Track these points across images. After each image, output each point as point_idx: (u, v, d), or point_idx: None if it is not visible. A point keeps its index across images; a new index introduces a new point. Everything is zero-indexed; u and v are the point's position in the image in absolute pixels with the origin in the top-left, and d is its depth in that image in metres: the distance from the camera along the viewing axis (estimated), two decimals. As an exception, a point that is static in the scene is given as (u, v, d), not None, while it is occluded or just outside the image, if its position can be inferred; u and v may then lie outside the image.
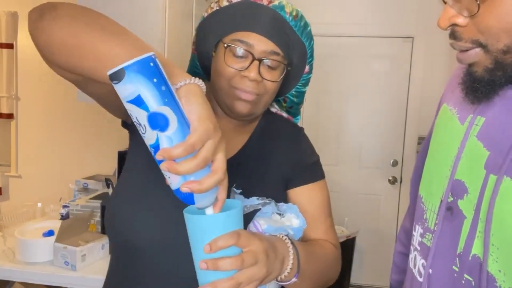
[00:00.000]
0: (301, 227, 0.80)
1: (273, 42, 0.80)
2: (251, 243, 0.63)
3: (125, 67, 0.53)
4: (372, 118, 3.33)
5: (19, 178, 3.61)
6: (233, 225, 0.62)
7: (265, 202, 0.80)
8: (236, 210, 0.63)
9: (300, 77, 0.92)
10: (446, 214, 0.63)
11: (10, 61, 3.47)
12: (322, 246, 0.87)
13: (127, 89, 0.54)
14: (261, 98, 0.83)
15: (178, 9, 2.09)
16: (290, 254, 0.71)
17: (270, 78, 0.82)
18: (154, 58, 0.55)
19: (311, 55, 0.91)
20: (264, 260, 0.64)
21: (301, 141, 0.95)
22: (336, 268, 0.90)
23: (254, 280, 0.62)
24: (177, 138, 0.54)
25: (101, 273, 1.53)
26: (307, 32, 0.87)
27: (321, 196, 0.92)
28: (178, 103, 0.56)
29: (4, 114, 3.50)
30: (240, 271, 0.61)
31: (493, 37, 0.53)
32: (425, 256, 0.68)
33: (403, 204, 3.33)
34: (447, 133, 0.68)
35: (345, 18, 3.27)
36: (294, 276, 0.72)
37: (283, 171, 0.89)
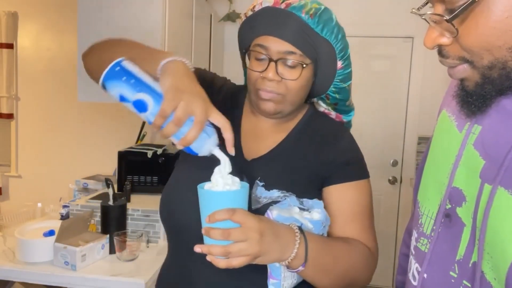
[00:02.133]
0: (320, 221, 0.82)
1: (288, 42, 0.84)
2: (246, 221, 0.69)
3: (102, 79, 0.70)
4: (372, 118, 3.33)
5: (19, 178, 3.61)
6: (233, 203, 0.70)
7: (285, 195, 0.84)
8: (238, 190, 0.71)
9: (333, 73, 0.93)
10: (445, 220, 0.63)
11: (10, 61, 3.47)
12: (351, 244, 0.86)
13: (113, 93, 0.71)
14: (285, 97, 0.88)
15: (178, 9, 2.09)
16: (296, 242, 0.74)
17: (289, 77, 0.86)
18: (119, 62, 0.71)
19: (341, 50, 0.91)
20: (256, 238, 0.69)
21: (340, 139, 0.95)
22: (367, 270, 0.87)
23: (243, 255, 0.69)
24: (157, 112, 0.68)
25: (101, 273, 1.53)
26: (330, 27, 0.87)
27: (357, 196, 0.91)
28: (151, 86, 0.71)
29: (4, 114, 3.50)
30: (233, 243, 0.68)
31: (476, 55, 0.54)
32: (419, 260, 0.68)
33: (403, 204, 3.33)
34: (445, 140, 0.68)
35: (345, 18, 3.25)
36: (301, 265, 0.75)
37: (317, 169, 0.90)
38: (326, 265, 0.80)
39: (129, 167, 2.22)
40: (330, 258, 0.81)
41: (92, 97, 1.95)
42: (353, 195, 0.90)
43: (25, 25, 3.48)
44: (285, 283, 0.81)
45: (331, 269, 0.82)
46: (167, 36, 1.93)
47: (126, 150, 2.32)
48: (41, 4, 3.44)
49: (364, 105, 3.34)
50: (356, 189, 0.91)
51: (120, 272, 1.55)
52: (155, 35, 1.88)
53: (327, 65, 0.91)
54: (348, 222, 0.89)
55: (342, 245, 0.86)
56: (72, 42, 3.37)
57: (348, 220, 0.89)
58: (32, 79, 3.51)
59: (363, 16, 3.24)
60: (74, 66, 1.96)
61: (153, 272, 1.57)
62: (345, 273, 0.84)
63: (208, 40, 2.81)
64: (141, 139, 3.05)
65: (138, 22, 1.89)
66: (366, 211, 0.91)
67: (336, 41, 0.89)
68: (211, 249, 0.69)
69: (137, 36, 1.89)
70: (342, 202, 0.89)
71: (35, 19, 3.46)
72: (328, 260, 0.80)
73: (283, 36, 0.84)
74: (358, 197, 0.91)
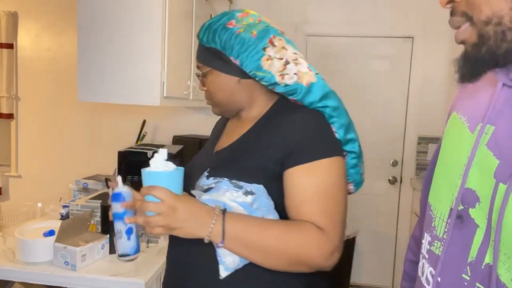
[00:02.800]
0: (248, 203, 0.91)
1: (197, 60, 1.08)
2: (163, 197, 0.85)
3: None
4: (372, 118, 3.33)
5: (19, 178, 3.61)
6: (163, 182, 0.86)
7: (218, 181, 0.94)
8: (164, 173, 0.88)
9: (236, 68, 1.00)
10: (456, 222, 0.63)
11: (10, 61, 3.47)
12: (290, 225, 0.90)
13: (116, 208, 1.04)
14: (213, 101, 1.07)
15: (178, 9, 2.09)
16: (212, 221, 0.86)
17: (206, 85, 1.07)
18: (118, 193, 1.03)
19: (223, 47, 0.99)
20: (167, 213, 0.84)
21: (293, 123, 0.96)
22: (314, 249, 0.88)
23: (155, 226, 0.85)
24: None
25: (101, 273, 1.53)
26: (206, 36, 1.02)
27: (310, 178, 0.91)
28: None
29: (4, 114, 3.50)
30: (152, 215, 0.85)
31: (477, 8, 0.58)
32: (433, 264, 0.68)
33: (403, 204, 3.33)
34: (456, 142, 0.68)
35: (345, 18, 3.27)
36: (220, 241, 0.87)
37: (272, 156, 0.94)
38: (251, 242, 0.87)
39: (129, 167, 2.22)
40: (255, 236, 0.87)
41: (92, 97, 1.95)
42: (303, 178, 0.91)
43: (25, 25, 3.48)
44: (226, 260, 0.90)
45: (259, 246, 0.88)
46: (167, 36, 1.93)
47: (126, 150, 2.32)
48: (41, 4, 3.44)
49: (364, 105, 3.34)
50: (307, 171, 0.91)
51: (120, 272, 1.55)
52: (155, 35, 1.88)
53: (227, 63, 1.01)
54: (299, 205, 0.91)
55: (277, 225, 0.89)
56: (72, 42, 3.37)
57: (300, 203, 0.91)
58: (32, 79, 3.51)
59: (363, 16, 3.24)
60: (74, 66, 1.96)
61: (153, 272, 1.57)
62: (280, 251, 0.88)
63: (208, 40, 2.81)
64: (141, 139, 3.06)
65: (138, 22, 1.88)
66: (320, 193, 0.91)
67: (215, 44, 1.00)
68: (137, 218, 0.88)
69: (137, 36, 1.90)
70: (293, 186, 0.92)
71: (35, 19, 3.46)
72: (252, 238, 0.87)
73: (196, 56, 1.08)
74: (308, 180, 0.91)
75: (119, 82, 1.91)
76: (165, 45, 1.92)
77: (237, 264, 0.91)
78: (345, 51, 3.32)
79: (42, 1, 3.44)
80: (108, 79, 1.91)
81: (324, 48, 3.34)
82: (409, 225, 3.31)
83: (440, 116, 3.21)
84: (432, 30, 3.16)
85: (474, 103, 0.68)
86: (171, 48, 1.99)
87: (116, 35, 1.90)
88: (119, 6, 1.89)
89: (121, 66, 1.90)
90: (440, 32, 3.15)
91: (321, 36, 3.33)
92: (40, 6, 3.44)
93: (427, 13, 3.16)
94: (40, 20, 3.46)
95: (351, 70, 3.32)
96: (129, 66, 1.90)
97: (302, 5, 3.30)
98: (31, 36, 3.48)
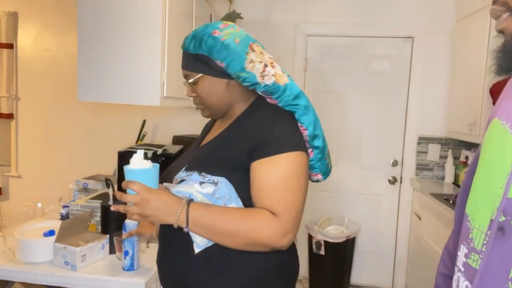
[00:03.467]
0: (209, 193, 1.07)
1: (183, 69, 1.19)
2: (138, 190, 1.01)
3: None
4: (372, 118, 3.33)
5: (19, 178, 3.61)
6: (141, 177, 1.03)
7: (189, 174, 1.10)
8: (141, 170, 1.03)
9: (222, 70, 1.13)
10: (497, 234, 0.60)
11: (10, 61, 3.47)
12: (245, 211, 1.05)
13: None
14: (204, 104, 1.18)
15: (178, 9, 2.09)
16: (178, 209, 1.03)
17: (197, 91, 1.17)
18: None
19: (210, 53, 1.11)
20: (141, 203, 1.01)
21: (264, 120, 1.11)
22: (265, 231, 1.03)
23: (135, 213, 1.03)
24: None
25: (101, 273, 1.53)
26: (192, 44, 1.13)
27: (269, 170, 1.05)
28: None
29: (4, 114, 3.50)
30: (130, 205, 1.02)
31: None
32: (469, 277, 0.64)
33: (403, 204, 3.33)
34: (498, 149, 0.64)
35: (345, 18, 3.27)
36: (185, 226, 1.04)
37: (242, 149, 1.09)
38: (211, 226, 1.04)
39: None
40: (214, 221, 1.03)
41: (91, 97, 1.95)
42: (263, 170, 1.05)
43: (25, 25, 3.48)
44: (197, 239, 1.09)
45: (218, 230, 1.04)
46: (167, 36, 1.93)
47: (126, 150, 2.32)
48: (41, 4, 3.44)
49: (364, 105, 3.34)
50: (267, 164, 1.05)
51: (120, 272, 1.55)
52: (155, 35, 1.88)
53: (215, 68, 1.13)
54: (259, 192, 1.06)
55: (233, 212, 1.05)
56: (72, 42, 3.37)
57: (259, 191, 1.06)
58: (32, 79, 3.51)
59: (363, 16, 3.24)
60: (74, 66, 1.96)
61: (153, 272, 1.57)
62: (236, 233, 1.03)
63: (208, 40, 2.81)
64: (141, 139, 3.06)
65: (138, 22, 1.88)
66: (277, 182, 1.05)
67: (201, 50, 1.12)
68: (119, 207, 1.05)
69: (137, 36, 1.90)
70: (255, 176, 1.07)
71: (35, 19, 3.46)
72: (212, 223, 1.03)
73: (182, 66, 1.19)
74: (267, 171, 1.05)
75: (119, 82, 1.91)
76: (165, 45, 1.92)
77: (206, 243, 1.08)
78: (345, 51, 3.32)
79: (42, 1, 3.44)
80: (108, 79, 1.91)
81: (324, 48, 3.34)
82: (409, 225, 3.31)
83: (440, 116, 3.22)
84: (432, 30, 3.16)
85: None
86: (171, 48, 1.99)
87: (116, 35, 1.90)
88: (119, 6, 1.89)
89: (121, 66, 1.90)
90: (440, 32, 3.15)
91: (321, 36, 3.33)
92: (40, 6, 3.44)
93: (427, 13, 3.16)
94: (40, 20, 3.46)
95: (351, 70, 3.32)
96: (129, 66, 1.90)
97: (302, 5, 3.30)
98: (31, 36, 3.48)
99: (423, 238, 2.89)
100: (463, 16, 2.90)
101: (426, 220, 2.89)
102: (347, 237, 3.07)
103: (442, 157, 3.25)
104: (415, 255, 3.14)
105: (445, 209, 2.45)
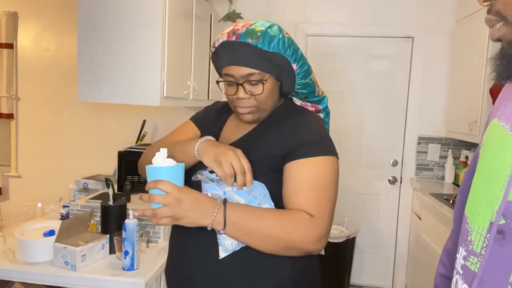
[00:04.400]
0: (246, 192, 1.01)
1: (246, 66, 1.05)
2: (169, 190, 0.91)
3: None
4: (372, 118, 3.33)
5: (19, 178, 3.61)
6: (166, 176, 0.93)
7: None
8: (168, 167, 0.94)
9: (293, 75, 1.10)
10: (497, 237, 0.59)
11: (10, 61, 3.47)
12: (283, 213, 1.00)
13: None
14: (258, 107, 1.09)
15: (178, 9, 2.09)
16: (215, 210, 0.95)
17: (256, 92, 1.08)
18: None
19: (292, 55, 1.07)
20: (174, 204, 0.91)
21: (301, 123, 1.09)
22: (303, 234, 0.98)
23: (163, 216, 0.92)
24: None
25: (101, 273, 1.53)
26: (274, 43, 1.04)
27: (309, 171, 1.02)
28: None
29: (4, 114, 3.50)
30: (159, 207, 0.92)
31: (510, 7, 0.58)
32: (468, 281, 0.64)
33: (403, 204, 3.33)
34: (498, 151, 0.63)
35: (345, 18, 3.27)
36: (222, 228, 0.96)
37: (276, 151, 1.05)
38: (249, 229, 0.97)
39: (129, 167, 2.22)
40: (253, 223, 0.97)
41: (92, 97, 1.94)
42: (305, 170, 1.02)
43: (25, 25, 3.48)
44: (226, 243, 1.02)
45: (256, 232, 0.97)
46: (167, 36, 1.93)
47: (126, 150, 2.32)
48: (41, 4, 3.44)
49: (364, 105, 3.34)
50: (307, 165, 1.03)
51: (120, 272, 1.55)
52: (155, 35, 1.88)
53: (285, 71, 1.09)
54: (296, 194, 1.02)
55: (271, 213, 1.00)
56: (72, 42, 3.37)
57: (296, 192, 1.02)
58: (32, 79, 3.51)
59: (363, 16, 3.24)
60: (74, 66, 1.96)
61: (153, 272, 1.57)
62: (274, 236, 0.97)
63: (208, 40, 2.81)
64: (141, 139, 3.06)
65: (138, 22, 1.88)
66: (316, 184, 1.02)
67: (284, 50, 1.06)
68: (145, 211, 0.94)
69: (137, 36, 1.90)
70: (292, 177, 1.03)
71: (35, 19, 3.46)
72: (250, 225, 0.97)
73: (241, 63, 1.05)
74: (309, 172, 1.02)
75: (119, 82, 1.91)
76: (165, 45, 1.92)
77: (235, 247, 1.02)
78: (345, 51, 3.32)
79: (42, 1, 3.44)
80: (108, 79, 1.91)
81: (324, 48, 3.34)
82: (409, 225, 3.31)
83: (440, 116, 3.22)
84: (432, 30, 3.16)
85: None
86: (171, 48, 1.99)
87: (116, 35, 1.90)
88: (119, 6, 1.89)
89: (121, 66, 1.90)
90: (440, 32, 3.15)
91: (321, 36, 3.33)
92: (40, 6, 3.44)
93: (427, 13, 3.16)
94: (40, 20, 3.46)
95: (351, 70, 3.32)
96: (129, 66, 1.90)
97: (302, 5, 3.30)
98: (31, 36, 3.48)
99: (423, 238, 2.89)
100: (463, 16, 2.90)
101: (426, 220, 2.89)
102: (347, 237, 3.07)
103: (442, 157, 3.25)
104: (415, 255, 3.14)
105: (445, 209, 2.45)
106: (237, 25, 1.08)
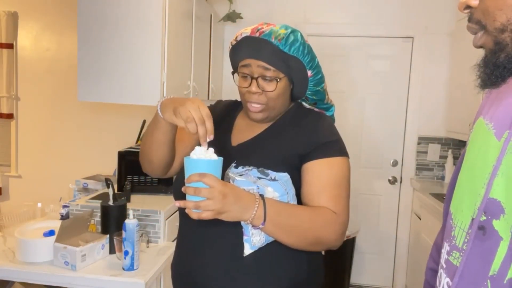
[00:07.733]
0: (279, 183, 1.03)
1: (264, 62, 1.08)
2: (213, 184, 0.90)
3: None
4: (372, 118, 3.33)
5: (19, 178, 3.61)
6: (207, 169, 0.91)
7: (247, 169, 1.05)
8: (208, 160, 0.93)
9: (306, 80, 1.14)
10: (478, 233, 0.61)
11: (10, 61, 3.47)
12: (313, 209, 1.03)
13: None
14: (268, 105, 1.11)
15: (178, 9, 2.09)
16: (255, 204, 0.96)
17: (268, 89, 1.10)
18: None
19: (309, 62, 1.12)
20: (219, 198, 0.90)
21: (319, 124, 1.13)
22: (330, 230, 1.03)
23: (208, 210, 0.91)
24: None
25: (101, 273, 1.53)
26: (296, 47, 1.09)
27: (329, 170, 1.07)
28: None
29: (4, 114, 3.50)
30: (202, 200, 0.90)
31: (490, 16, 0.59)
32: (450, 274, 0.65)
33: (403, 204, 3.33)
34: (482, 149, 0.65)
35: (345, 18, 3.27)
36: (261, 223, 0.96)
37: (296, 150, 1.08)
38: (285, 224, 0.99)
39: (129, 167, 2.22)
40: (288, 219, 1.00)
41: (92, 97, 1.95)
42: (325, 169, 1.07)
43: (25, 25, 3.48)
44: (254, 239, 1.02)
45: (290, 227, 1.00)
46: (167, 36, 1.93)
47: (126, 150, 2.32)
48: (41, 4, 3.44)
49: (364, 105, 3.34)
50: (330, 165, 1.07)
51: (120, 272, 1.55)
52: (155, 35, 1.88)
53: (300, 75, 1.13)
54: (319, 192, 1.05)
55: (303, 209, 1.03)
56: (72, 42, 3.37)
57: (319, 191, 1.05)
58: (32, 79, 3.51)
59: (363, 16, 3.24)
60: (74, 66, 1.96)
61: (153, 272, 1.57)
62: (306, 232, 1.01)
63: (208, 40, 2.81)
64: (141, 139, 3.05)
65: (138, 22, 1.88)
66: (336, 183, 1.07)
67: (303, 56, 1.10)
68: (187, 203, 0.92)
69: (137, 36, 1.90)
70: (315, 175, 1.06)
71: (35, 19, 3.46)
72: (286, 220, 0.99)
73: (259, 58, 1.08)
74: (330, 171, 1.07)
75: (119, 82, 1.91)
76: (165, 45, 1.92)
77: (262, 243, 1.03)
78: (345, 51, 3.32)
79: (42, 1, 3.44)
80: (108, 79, 1.91)
81: (324, 48, 3.33)
82: (409, 225, 3.31)
83: (440, 116, 3.21)
84: (432, 30, 3.16)
85: (502, 108, 0.64)
86: (171, 48, 1.99)
87: (116, 35, 1.90)
88: (119, 7, 1.89)
89: (121, 66, 1.90)
90: (440, 32, 3.15)
91: (321, 36, 3.33)
92: (40, 6, 3.44)
93: (427, 13, 3.16)
94: (40, 20, 3.45)
95: (351, 70, 3.32)
96: (129, 66, 1.90)
97: (302, 5, 3.30)
98: (31, 36, 3.48)
99: (423, 238, 2.89)
100: (463, 16, 2.90)
101: (426, 220, 2.89)
102: (347, 237, 3.07)
103: (442, 157, 3.25)
104: (415, 255, 3.14)
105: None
106: (262, 24, 1.12)
